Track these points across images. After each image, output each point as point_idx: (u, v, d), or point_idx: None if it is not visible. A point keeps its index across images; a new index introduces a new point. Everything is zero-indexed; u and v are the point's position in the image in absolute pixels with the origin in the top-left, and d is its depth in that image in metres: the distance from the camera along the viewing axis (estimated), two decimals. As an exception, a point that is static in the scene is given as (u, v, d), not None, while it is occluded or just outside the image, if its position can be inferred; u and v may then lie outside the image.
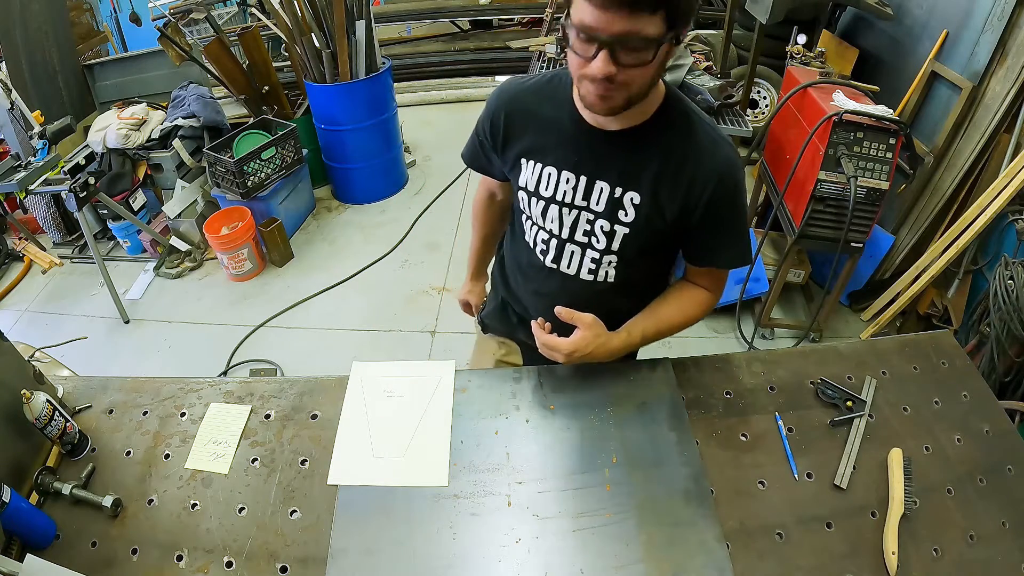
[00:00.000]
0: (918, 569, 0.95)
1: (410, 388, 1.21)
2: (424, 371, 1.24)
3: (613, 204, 1.05)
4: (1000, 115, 2.34)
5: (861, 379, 1.21)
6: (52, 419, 1.06)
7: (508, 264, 1.36)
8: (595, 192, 1.05)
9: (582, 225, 1.09)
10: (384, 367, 1.25)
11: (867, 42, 3.26)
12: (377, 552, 0.96)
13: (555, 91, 1.07)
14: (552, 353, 1.11)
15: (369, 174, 3.84)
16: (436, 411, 1.17)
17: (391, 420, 1.16)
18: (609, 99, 0.89)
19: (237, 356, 2.90)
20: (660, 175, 1.01)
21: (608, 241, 1.08)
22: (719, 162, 1.00)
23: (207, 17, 3.88)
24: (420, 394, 1.20)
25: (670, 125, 1.01)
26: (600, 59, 0.82)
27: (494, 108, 1.13)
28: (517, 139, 1.11)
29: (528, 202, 1.13)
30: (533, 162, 1.09)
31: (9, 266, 3.64)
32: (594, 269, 1.13)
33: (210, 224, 3.30)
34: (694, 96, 2.62)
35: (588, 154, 1.04)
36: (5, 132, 3.35)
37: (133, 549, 0.99)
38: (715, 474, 1.06)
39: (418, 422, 1.15)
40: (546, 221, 1.12)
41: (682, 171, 1.00)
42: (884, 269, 2.85)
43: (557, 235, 1.13)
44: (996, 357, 2.09)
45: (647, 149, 1.01)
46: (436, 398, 1.19)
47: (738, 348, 2.78)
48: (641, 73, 0.85)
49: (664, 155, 1.01)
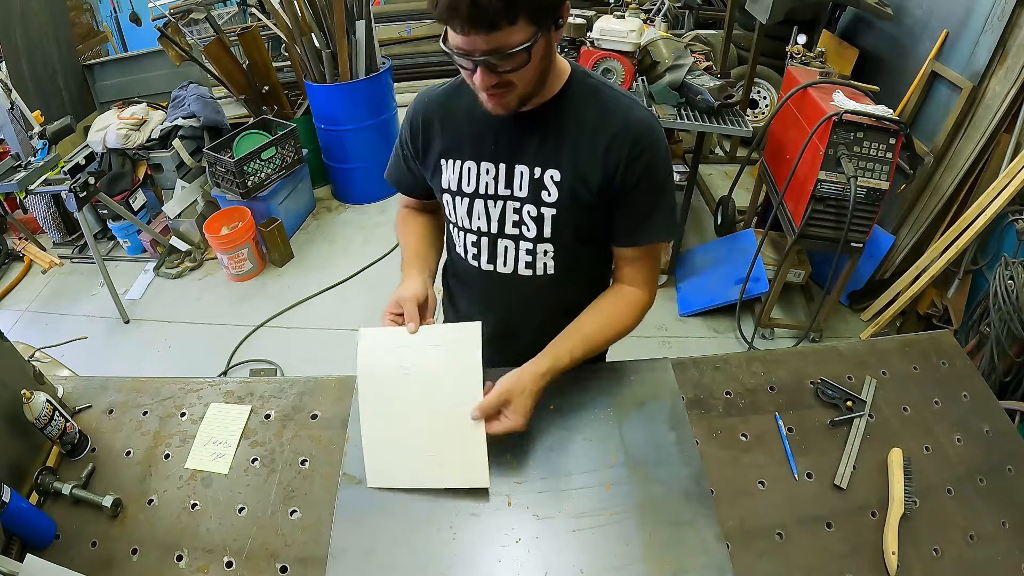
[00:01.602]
0: (918, 569, 0.95)
1: (431, 360, 1.03)
2: (445, 337, 1.05)
3: (535, 186, 1.05)
4: (1000, 115, 2.35)
5: (861, 379, 1.21)
6: (52, 419, 1.06)
7: (451, 283, 1.33)
8: (516, 177, 1.05)
9: (509, 216, 1.08)
10: (397, 335, 1.04)
11: (867, 42, 3.26)
12: (377, 552, 0.96)
13: (466, 89, 1.06)
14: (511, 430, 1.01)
15: (369, 174, 3.84)
16: (463, 389, 1.00)
17: (415, 404, 1.02)
18: (502, 102, 0.93)
19: (237, 356, 2.90)
20: (576, 146, 1.02)
21: (538, 227, 1.08)
22: (632, 122, 1.00)
23: (207, 17, 3.88)
24: (443, 368, 1.02)
25: (578, 97, 1.02)
26: (479, 74, 0.88)
27: (411, 115, 1.13)
28: (435, 141, 1.11)
29: (453, 204, 1.12)
30: (452, 160, 1.09)
31: (9, 266, 3.64)
32: (531, 262, 1.12)
33: (210, 224, 3.30)
34: (694, 96, 2.62)
35: (503, 141, 1.04)
36: (5, 132, 3.35)
37: (133, 549, 0.99)
38: (715, 474, 1.06)
39: (446, 406, 1.00)
40: (472, 220, 1.11)
41: (597, 137, 1.01)
42: (884, 269, 2.86)
43: (486, 231, 1.11)
44: (996, 357, 2.10)
45: (558, 124, 1.02)
46: (462, 373, 1.01)
47: (738, 348, 2.78)
48: (523, 73, 0.90)
49: (576, 125, 1.01)
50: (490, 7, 0.79)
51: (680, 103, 2.67)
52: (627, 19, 2.55)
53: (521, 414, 1.00)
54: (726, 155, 4.22)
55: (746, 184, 3.42)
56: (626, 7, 2.73)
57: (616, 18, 2.55)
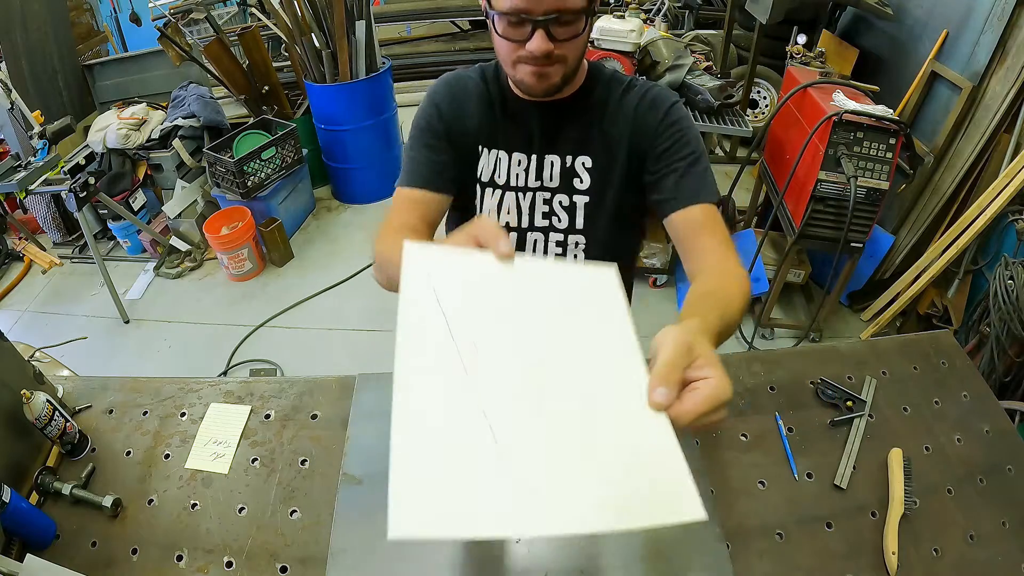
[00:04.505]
0: (918, 569, 0.95)
1: (547, 307, 0.60)
2: (567, 275, 0.65)
3: (567, 175, 1.04)
4: (1000, 115, 2.34)
5: (861, 379, 1.21)
6: (52, 419, 1.06)
7: None
8: (546, 168, 1.05)
9: (539, 207, 1.07)
10: (477, 261, 0.61)
11: (867, 42, 3.26)
12: (377, 552, 0.96)
13: (490, 76, 1.06)
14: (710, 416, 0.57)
15: (369, 174, 3.84)
16: (614, 359, 0.58)
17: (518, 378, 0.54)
18: (547, 77, 0.92)
19: (237, 356, 2.90)
20: (606, 130, 1.02)
21: (570, 217, 1.07)
22: (654, 95, 1.02)
23: (207, 17, 3.88)
24: (572, 321, 0.60)
25: (600, 86, 1.04)
26: (536, 38, 0.86)
27: (440, 97, 1.06)
28: (470, 125, 1.05)
29: (482, 196, 1.09)
30: (488, 149, 1.07)
31: (9, 266, 3.63)
32: (561, 254, 1.11)
33: (210, 224, 3.30)
34: (694, 96, 2.62)
35: (533, 130, 1.04)
36: (5, 132, 3.35)
37: (133, 549, 0.99)
38: (715, 474, 1.06)
39: (587, 386, 0.55)
40: (501, 213, 1.09)
41: (624, 116, 1.02)
42: (884, 269, 2.85)
43: (516, 226, 1.09)
44: (996, 357, 2.10)
45: (587, 111, 1.03)
46: (609, 333, 0.59)
47: (738, 348, 2.78)
48: (574, 45, 0.90)
49: (603, 110, 1.03)
50: None
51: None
52: (627, 19, 2.55)
53: (718, 366, 0.56)
54: (726, 155, 4.22)
55: (746, 184, 3.42)
56: (626, 7, 2.73)
57: (616, 18, 2.55)
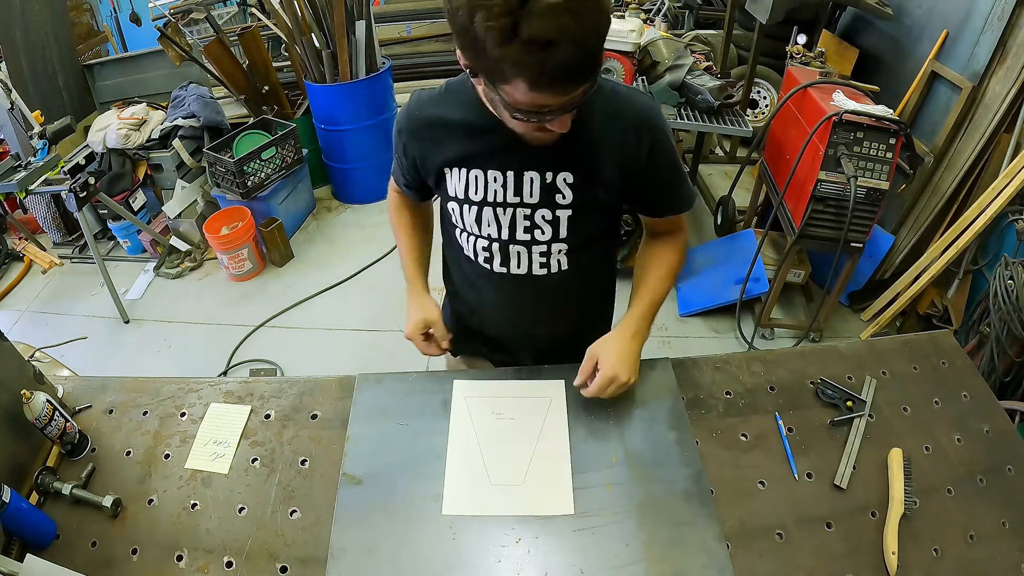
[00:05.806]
0: (918, 569, 0.95)
1: (520, 409, 1.16)
2: (533, 391, 1.19)
3: (548, 190, 1.04)
4: (1000, 115, 2.34)
5: (861, 379, 1.21)
6: (52, 419, 1.06)
7: (455, 277, 1.30)
8: (525, 184, 1.03)
9: (520, 222, 1.07)
10: (489, 386, 1.20)
11: (867, 42, 3.26)
12: (377, 552, 0.96)
13: (458, 95, 1.04)
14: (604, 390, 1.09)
15: (369, 174, 3.83)
16: (552, 433, 1.11)
17: (505, 444, 1.11)
18: (552, 133, 0.92)
19: (237, 356, 2.90)
20: (589, 145, 1.01)
21: (553, 229, 1.07)
22: (639, 111, 1.02)
23: (207, 17, 3.88)
24: (532, 415, 1.15)
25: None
26: (560, 122, 0.88)
27: (403, 126, 1.10)
28: (436, 151, 1.07)
29: (460, 212, 1.09)
30: (457, 169, 1.06)
31: (9, 266, 3.64)
32: (545, 262, 1.12)
33: (210, 224, 3.30)
34: (694, 96, 2.62)
35: (511, 150, 1.01)
36: (5, 132, 3.35)
37: (133, 549, 0.99)
38: (715, 474, 1.06)
39: (535, 445, 1.10)
40: (482, 227, 1.09)
41: (609, 132, 1.01)
42: (884, 269, 2.86)
43: (497, 238, 1.09)
44: (996, 357, 2.10)
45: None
46: (550, 419, 1.14)
47: (738, 348, 2.78)
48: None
49: (585, 125, 0.98)
50: (586, 68, 0.81)
51: (680, 103, 2.67)
52: (627, 19, 2.56)
53: (607, 361, 1.07)
54: (726, 155, 4.22)
55: (746, 184, 3.42)
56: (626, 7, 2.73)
57: (616, 18, 2.55)
